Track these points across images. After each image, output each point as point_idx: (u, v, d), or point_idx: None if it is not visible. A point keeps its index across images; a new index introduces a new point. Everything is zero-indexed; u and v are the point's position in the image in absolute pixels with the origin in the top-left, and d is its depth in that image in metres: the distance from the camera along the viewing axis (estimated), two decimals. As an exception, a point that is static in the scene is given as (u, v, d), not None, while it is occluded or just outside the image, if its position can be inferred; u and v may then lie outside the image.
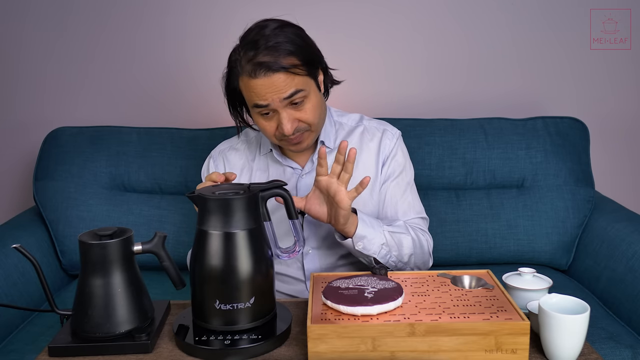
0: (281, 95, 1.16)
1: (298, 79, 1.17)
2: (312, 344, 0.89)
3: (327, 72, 1.30)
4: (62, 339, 0.97)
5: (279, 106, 1.17)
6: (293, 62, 1.16)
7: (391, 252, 1.21)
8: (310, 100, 1.20)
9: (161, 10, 1.97)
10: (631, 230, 1.55)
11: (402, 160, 1.36)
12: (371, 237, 1.19)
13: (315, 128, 1.24)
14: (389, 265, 1.22)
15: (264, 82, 1.15)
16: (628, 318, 1.43)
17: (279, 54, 1.14)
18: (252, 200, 0.98)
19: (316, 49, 1.25)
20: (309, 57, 1.20)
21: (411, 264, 1.26)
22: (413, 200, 1.36)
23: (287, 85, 1.15)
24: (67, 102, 2.04)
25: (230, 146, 1.40)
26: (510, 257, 1.75)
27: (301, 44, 1.18)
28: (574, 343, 0.89)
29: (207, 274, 0.96)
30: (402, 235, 1.24)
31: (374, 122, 1.39)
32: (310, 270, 1.34)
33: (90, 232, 0.99)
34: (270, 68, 1.14)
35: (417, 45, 2.00)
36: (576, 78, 2.03)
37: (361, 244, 1.18)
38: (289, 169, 1.34)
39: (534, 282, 1.05)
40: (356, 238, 1.18)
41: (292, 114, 1.19)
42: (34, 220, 1.76)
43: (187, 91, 2.02)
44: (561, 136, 1.77)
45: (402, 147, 1.39)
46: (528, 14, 1.98)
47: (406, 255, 1.24)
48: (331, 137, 1.34)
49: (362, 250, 1.19)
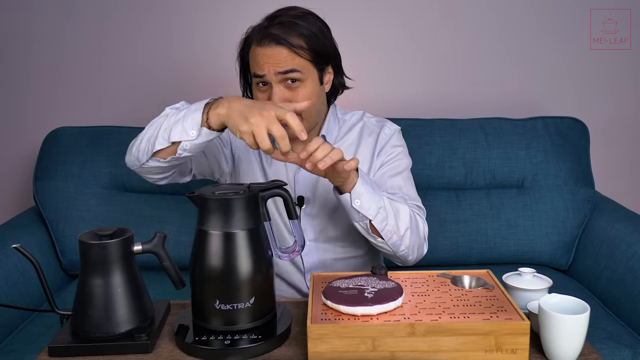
0: (277, 68, 1.18)
1: (299, 60, 1.19)
2: (312, 344, 0.89)
3: (339, 73, 1.31)
4: (62, 339, 0.97)
5: (273, 79, 1.19)
6: (300, 44, 1.19)
7: (388, 219, 1.17)
8: (306, 87, 1.22)
9: (163, 10, 1.97)
10: (631, 230, 1.55)
11: (397, 150, 1.36)
12: (369, 196, 1.14)
13: (306, 117, 1.23)
14: (384, 235, 1.18)
15: (265, 52, 1.18)
16: (628, 318, 1.43)
17: (290, 30, 1.18)
18: (252, 200, 0.98)
19: (333, 47, 1.27)
20: (320, 48, 1.22)
21: (407, 241, 1.21)
22: (406, 187, 1.33)
23: (285, 61, 1.18)
24: (67, 102, 2.04)
25: None
26: (510, 257, 1.75)
27: (317, 33, 1.21)
28: (574, 343, 0.89)
29: (207, 274, 0.96)
30: (399, 205, 1.20)
31: (374, 119, 1.41)
32: (309, 263, 1.34)
33: (90, 232, 0.99)
34: (275, 39, 1.17)
35: (417, 45, 2.00)
36: (576, 78, 2.03)
37: (358, 202, 1.14)
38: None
39: (534, 282, 1.05)
40: (354, 194, 1.14)
41: (284, 93, 1.20)
42: (34, 220, 1.76)
43: (188, 91, 2.01)
44: (561, 136, 1.77)
45: (399, 140, 1.39)
46: (528, 14, 1.98)
47: (402, 228, 1.20)
48: (333, 133, 1.35)
49: (358, 209, 1.14)
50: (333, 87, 1.32)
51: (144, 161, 1.18)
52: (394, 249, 1.22)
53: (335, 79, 1.31)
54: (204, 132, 1.09)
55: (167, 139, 1.11)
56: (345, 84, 1.35)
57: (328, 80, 1.29)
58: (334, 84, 1.32)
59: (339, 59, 1.31)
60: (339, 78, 1.33)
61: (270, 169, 1.35)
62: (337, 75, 1.32)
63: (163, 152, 1.15)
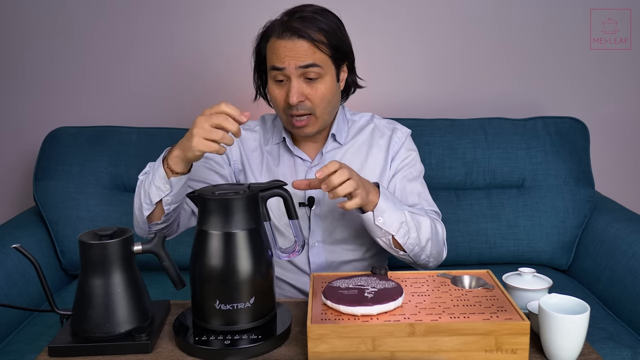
0: (298, 62, 1.19)
1: (320, 54, 1.20)
2: (312, 344, 0.89)
3: (353, 71, 1.33)
4: (62, 339, 0.97)
5: (293, 73, 1.20)
6: (320, 39, 1.20)
7: (410, 232, 1.18)
8: (325, 83, 1.22)
9: (162, 9, 1.97)
10: (631, 230, 1.55)
11: (412, 155, 1.37)
12: (391, 213, 1.15)
13: (321, 114, 1.24)
14: (407, 248, 1.19)
15: (286, 45, 1.18)
16: (628, 318, 1.43)
17: (310, 24, 1.19)
18: (252, 200, 0.98)
19: (348, 44, 1.28)
20: (338, 43, 1.23)
21: (427, 251, 1.22)
22: (424, 192, 1.34)
23: (307, 55, 1.19)
24: (67, 102, 2.04)
25: (248, 127, 1.41)
26: (510, 257, 1.75)
27: (335, 29, 1.23)
28: (574, 343, 0.89)
29: (207, 274, 0.96)
30: (420, 217, 1.20)
31: (384, 121, 1.41)
32: (316, 264, 1.34)
33: (90, 232, 0.99)
34: (297, 32, 1.18)
35: (417, 45, 2.00)
36: (576, 78, 2.03)
37: (381, 219, 1.14)
38: (299, 160, 1.34)
39: (534, 282, 1.05)
40: (377, 212, 1.14)
41: (302, 87, 1.21)
42: (34, 220, 1.76)
43: (188, 91, 2.01)
44: (561, 136, 1.77)
45: (412, 145, 1.40)
46: (528, 14, 1.98)
47: (424, 239, 1.20)
48: (343, 133, 1.35)
49: (381, 226, 1.15)
50: (346, 86, 1.33)
51: (147, 229, 1.22)
52: (415, 259, 1.23)
53: (349, 77, 1.32)
54: (173, 181, 1.12)
55: (150, 203, 1.15)
56: (358, 83, 1.36)
57: (343, 78, 1.30)
58: (347, 82, 1.33)
59: (354, 57, 1.32)
60: (353, 77, 1.34)
61: (278, 169, 1.35)
62: (351, 74, 1.33)
63: (154, 214, 1.18)
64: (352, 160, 1.33)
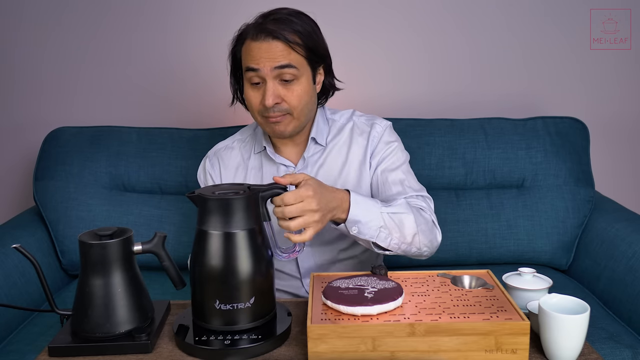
0: (274, 63, 1.18)
1: (295, 55, 1.19)
2: (312, 344, 0.89)
3: (329, 73, 1.31)
4: (62, 339, 0.97)
5: (268, 75, 1.19)
6: (295, 40, 1.19)
7: (392, 234, 1.16)
8: (301, 84, 1.21)
9: (161, 9, 1.97)
10: (631, 230, 1.55)
11: (392, 146, 1.34)
12: (366, 221, 1.13)
13: (298, 115, 1.23)
14: (392, 248, 1.18)
15: (261, 46, 1.18)
16: (628, 318, 1.43)
17: (285, 26, 1.19)
18: (252, 200, 0.98)
19: (324, 46, 1.27)
20: (313, 45, 1.23)
21: (417, 244, 1.20)
22: (407, 179, 1.32)
23: (282, 56, 1.18)
24: (67, 102, 2.04)
25: (226, 146, 1.41)
26: (510, 257, 1.75)
27: (310, 31, 1.22)
28: (574, 343, 0.89)
29: (207, 274, 0.96)
30: (403, 215, 1.18)
31: (364, 118, 1.39)
32: (305, 267, 1.33)
33: (90, 232, 0.99)
34: (272, 34, 1.18)
35: (417, 45, 2.00)
36: (576, 78, 2.03)
37: (356, 229, 1.13)
38: (282, 166, 1.34)
39: (534, 282, 1.05)
40: (349, 223, 1.12)
41: (278, 89, 1.20)
42: (34, 220, 1.76)
43: (187, 91, 2.02)
44: (561, 136, 1.77)
45: (391, 135, 1.36)
46: (528, 14, 1.98)
47: (409, 236, 1.18)
48: (324, 134, 1.34)
49: (357, 235, 1.14)
50: (323, 88, 1.33)
51: None
52: (406, 254, 1.22)
53: (326, 79, 1.31)
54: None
55: None
56: (336, 85, 1.35)
57: (319, 81, 1.29)
58: (324, 85, 1.32)
59: (330, 60, 1.31)
60: (330, 79, 1.33)
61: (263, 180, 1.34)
62: (328, 76, 1.32)
63: None
64: (333, 163, 1.33)
